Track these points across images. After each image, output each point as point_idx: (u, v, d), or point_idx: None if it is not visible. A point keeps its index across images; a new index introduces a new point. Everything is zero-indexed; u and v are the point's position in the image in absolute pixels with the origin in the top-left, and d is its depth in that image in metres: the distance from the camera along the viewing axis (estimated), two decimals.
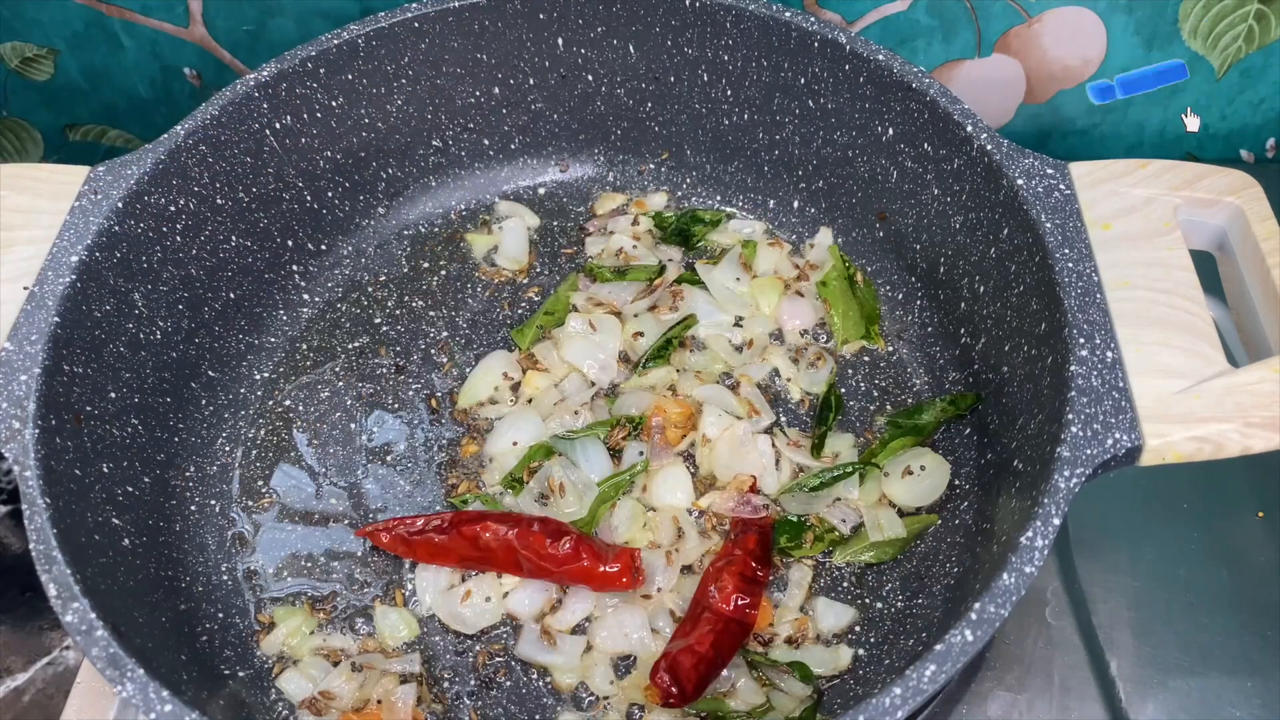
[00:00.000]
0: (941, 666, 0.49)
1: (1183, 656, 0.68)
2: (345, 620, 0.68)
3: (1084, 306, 0.58)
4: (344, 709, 0.63)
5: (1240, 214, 0.62)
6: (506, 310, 0.81)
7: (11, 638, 0.73)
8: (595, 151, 0.86)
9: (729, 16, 0.72)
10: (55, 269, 0.63)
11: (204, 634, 0.66)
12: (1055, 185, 0.63)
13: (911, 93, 0.68)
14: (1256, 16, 0.84)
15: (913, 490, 0.70)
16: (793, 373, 0.76)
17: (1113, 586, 0.71)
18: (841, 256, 0.80)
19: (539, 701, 0.65)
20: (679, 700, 0.61)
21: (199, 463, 0.73)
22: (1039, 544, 0.52)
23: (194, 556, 0.69)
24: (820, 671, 0.64)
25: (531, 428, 0.73)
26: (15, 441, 0.57)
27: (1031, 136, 0.94)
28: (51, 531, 0.55)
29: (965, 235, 0.70)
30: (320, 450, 0.75)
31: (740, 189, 0.84)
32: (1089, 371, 0.56)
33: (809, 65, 0.72)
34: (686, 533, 0.69)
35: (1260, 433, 0.55)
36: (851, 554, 0.69)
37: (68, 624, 0.52)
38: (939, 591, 0.66)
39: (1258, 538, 0.72)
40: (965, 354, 0.73)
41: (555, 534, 0.65)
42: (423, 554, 0.68)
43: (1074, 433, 0.55)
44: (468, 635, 0.67)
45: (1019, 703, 0.67)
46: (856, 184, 0.77)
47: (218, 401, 0.75)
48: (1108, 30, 0.86)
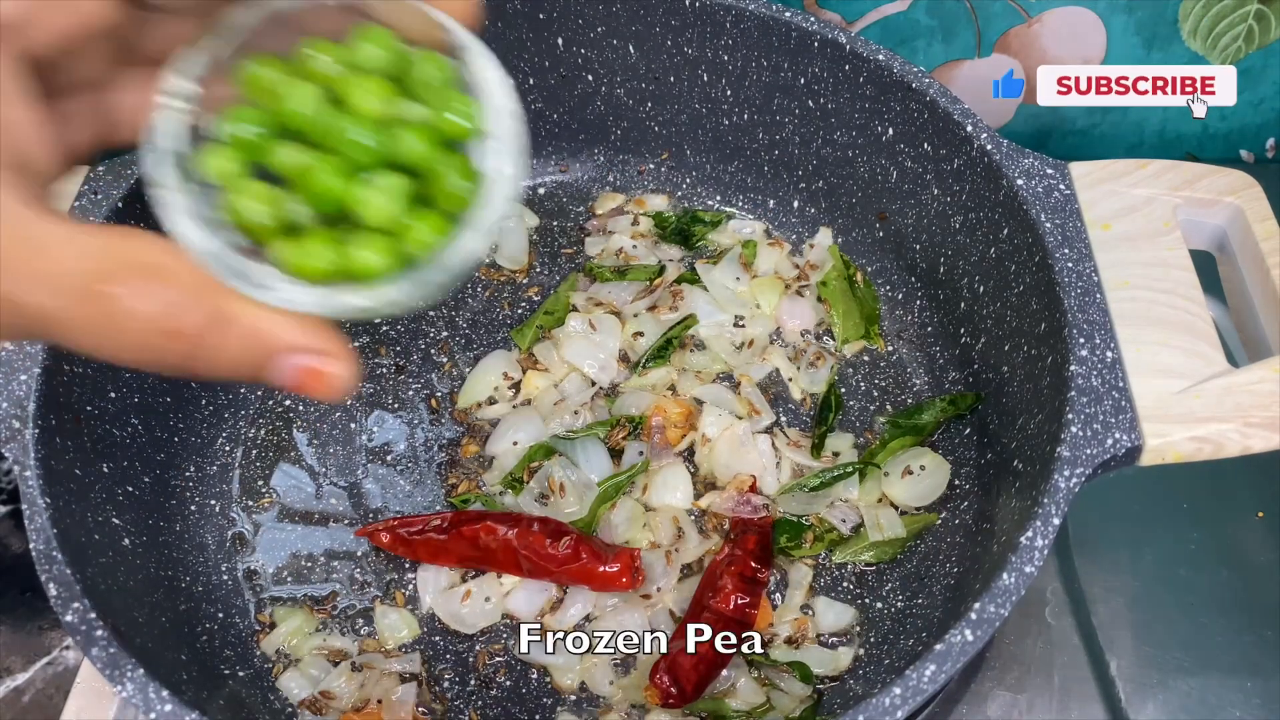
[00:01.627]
0: (941, 666, 0.49)
1: (1183, 657, 0.68)
2: (345, 620, 0.68)
3: (1084, 306, 0.58)
4: (344, 709, 0.63)
5: (1240, 214, 0.62)
6: (506, 310, 0.81)
7: (11, 638, 0.73)
8: (595, 151, 0.86)
9: (729, 16, 0.72)
10: None
11: (204, 634, 0.66)
12: (1055, 185, 0.63)
13: (911, 93, 0.68)
14: (1256, 16, 0.84)
15: (913, 490, 0.70)
16: (793, 373, 0.76)
17: (1113, 586, 0.71)
18: (841, 256, 0.80)
19: (539, 701, 0.65)
20: (679, 700, 0.61)
21: (199, 462, 0.73)
22: (1039, 544, 0.52)
23: (194, 556, 0.69)
24: (820, 671, 0.64)
25: (531, 427, 0.73)
26: (15, 441, 0.57)
27: (1031, 136, 0.94)
28: (51, 531, 0.55)
29: (965, 235, 0.70)
30: (320, 450, 0.75)
31: (740, 189, 0.84)
32: (1089, 371, 0.56)
33: (809, 65, 0.72)
34: (686, 533, 0.69)
35: (1260, 432, 0.55)
36: (851, 554, 0.69)
37: (67, 624, 0.52)
38: (939, 591, 0.66)
39: (1258, 538, 0.72)
40: (965, 354, 0.73)
41: (555, 534, 0.65)
42: (423, 554, 0.68)
43: (1074, 433, 0.55)
44: (468, 635, 0.67)
45: (1019, 703, 0.67)
46: (856, 184, 0.77)
47: (218, 401, 0.75)
48: (1107, 30, 0.86)
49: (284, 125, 0.40)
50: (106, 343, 0.35)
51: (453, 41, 0.41)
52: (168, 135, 0.39)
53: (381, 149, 0.40)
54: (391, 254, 0.39)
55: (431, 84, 0.40)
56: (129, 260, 0.35)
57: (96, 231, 0.35)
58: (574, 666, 0.65)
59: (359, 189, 0.39)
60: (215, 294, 0.36)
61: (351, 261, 0.39)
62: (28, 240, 0.34)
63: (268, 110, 0.40)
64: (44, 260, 0.34)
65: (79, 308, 0.34)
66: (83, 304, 0.34)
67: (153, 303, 0.35)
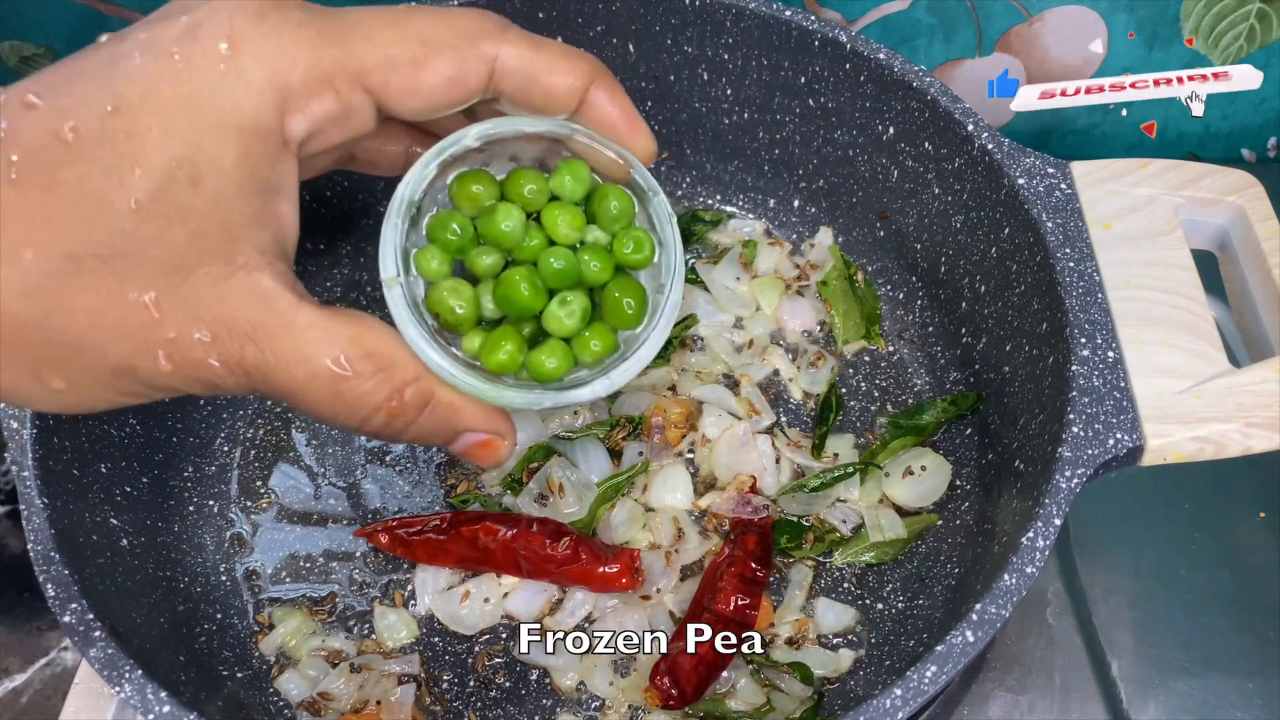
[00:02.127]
0: (942, 667, 0.49)
1: (1184, 657, 0.68)
2: (344, 621, 0.68)
3: (1085, 306, 0.58)
4: (343, 710, 0.63)
5: (1242, 213, 0.62)
6: None
7: (9, 639, 0.73)
8: None
9: (729, 15, 0.72)
10: None
11: (202, 635, 0.65)
12: (1056, 185, 0.63)
13: (912, 91, 0.68)
14: (1258, 16, 0.84)
15: (913, 491, 0.69)
16: (793, 373, 0.76)
17: (1114, 587, 0.71)
18: (842, 256, 0.80)
19: (538, 703, 0.64)
20: (679, 702, 0.61)
21: (197, 463, 0.72)
22: (1040, 544, 0.52)
23: (192, 557, 0.69)
24: (821, 672, 0.64)
25: (531, 428, 0.73)
26: (13, 441, 0.57)
27: (1032, 136, 0.94)
28: (49, 532, 0.55)
29: (966, 235, 0.70)
30: (319, 450, 0.74)
31: (740, 188, 0.84)
32: (1090, 371, 0.56)
33: (809, 64, 0.72)
34: (686, 533, 0.69)
35: (1262, 433, 0.55)
36: (852, 554, 0.68)
37: (65, 625, 0.52)
38: (940, 592, 0.66)
39: (1259, 538, 0.72)
40: (966, 354, 0.73)
41: (554, 534, 0.65)
42: (422, 555, 0.68)
43: (1075, 433, 0.54)
44: (467, 636, 0.67)
45: (1020, 704, 0.67)
46: (857, 183, 0.77)
47: (216, 401, 0.75)
48: (1109, 29, 0.85)
49: (486, 236, 0.47)
50: (333, 414, 0.42)
51: (636, 180, 0.48)
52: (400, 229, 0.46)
53: (571, 271, 0.47)
54: (569, 360, 0.47)
55: (614, 215, 0.48)
56: (367, 350, 0.42)
57: (340, 318, 0.41)
58: (573, 667, 0.65)
59: (552, 304, 0.46)
60: (427, 383, 0.44)
61: (533, 362, 0.46)
62: (290, 327, 0.40)
63: (473, 219, 0.47)
64: (299, 343, 0.40)
65: (321, 386, 0.41)
66: (324, 383, 0.41)
67: (382, 389, 0.42)
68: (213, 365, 0.40)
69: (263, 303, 0.40)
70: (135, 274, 0.38)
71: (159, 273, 0.38)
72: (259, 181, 0.40)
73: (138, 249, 0.38)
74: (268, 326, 0.40)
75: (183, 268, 0.39)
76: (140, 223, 0.38)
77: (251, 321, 0.39)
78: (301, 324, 0.40)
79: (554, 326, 0.46)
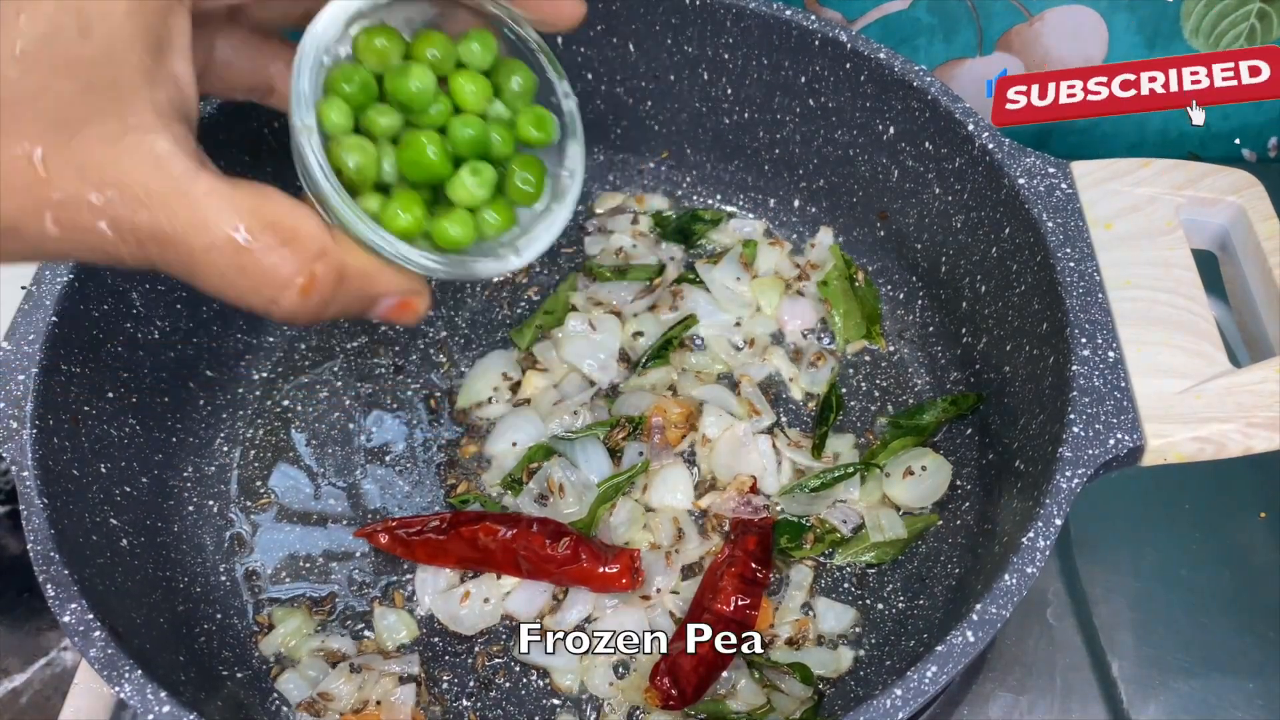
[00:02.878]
0: (943, 668, 0.49)
1: (1184, 657, 0.68)
2: (344, 621, 0.68)
3: (1086, 306, 0.58)
4: (343, 710, 0.63)
5: (1242, 213, 0.62)
6: (506, 310, 0.80)
7: (9, 639, 0.73)
8: (595, 150, 0.86)
9: (729, 15, 0.72)
10: (53, 268, 0.62)
11: (202, 635, 0.65)
12: (1057, 184, 0.63)
13: (912, 91, 0.68)
14: (1258, 15, 0.84)
15: (914, 491, 0.69)
16: (793, 373, 0.76)
17: (1114, 587, 0.71)
18: (843, 256, 0.80)
19: (538, 703, 0.64)
20: (679, 702, 0.61)
21: (197, 463, 0.72)
22: (1040, 544, 0.52)
23: (192, 557, 0.69)
24: (821, 673, 0.64)
25: (531, 428, 0.73)
26: (13, 442, 0.57)
27: (1033, 135, 0.94)
28: (49, 532, 0.55)
29: (966, 234, 0.69)
30: (319, 450, 0.74)
31: (740, 188, 0.84)
32: (1091, 371, 0.56)
33: (810, 64, 0.72)
34: (686, 533, 0.69)
35: (1262, 433, 0.55)
36: (852, 555, 0.68)
37: (65, 625, 0.52)
38: (940, 592, 0.66)
39: (1260, 539, 0.72)
40: (967, 354, 0.73)
41: (554, 535, 0.65)
42: (421, 555, 0.68)
43: (1076, 433, 0.54)
44: (467, 636, 0.67)
45: (1020, 704, 0.67)
46: (857, 183, 0.77)
47: (216, 401, 0.75)
48: (1109, 29, 0.85)
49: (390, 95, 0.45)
50: (238, 292, 0.39)
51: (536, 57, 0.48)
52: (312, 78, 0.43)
53: (481, 140, 0.45)
54: (473, 231, 0.45)
55: (518, 91, 0.47)
56: (269, 220, 0.39)
57: (242, 187, 0.39)
58: (573, 668, 0.65)
59: (463, 172, 0.45)
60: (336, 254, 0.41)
61: (438, 229, 0.44)
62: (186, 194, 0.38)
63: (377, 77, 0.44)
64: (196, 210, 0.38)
65: (221, 258, 0.38)
66: (225, 256, 0.38)
67: (288, 264, 0.39)
68: (104, 231, 0.37)
69: (157, 166, 0.37)
70: (18, 127, 0.36)
71: (45, 128, 0.36)
72: (152, 36, 0.38)
73: (21, 99, 0.36)
74: (162, 192, 0.37)
75: (71, 122, 0.36)
76: (25, 72, 0.36)
77: (145, 186, 0.37)
78: (199, 191, 0.38)
79: (460, 196, 0.45)
